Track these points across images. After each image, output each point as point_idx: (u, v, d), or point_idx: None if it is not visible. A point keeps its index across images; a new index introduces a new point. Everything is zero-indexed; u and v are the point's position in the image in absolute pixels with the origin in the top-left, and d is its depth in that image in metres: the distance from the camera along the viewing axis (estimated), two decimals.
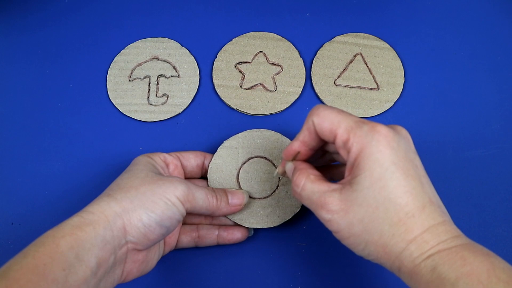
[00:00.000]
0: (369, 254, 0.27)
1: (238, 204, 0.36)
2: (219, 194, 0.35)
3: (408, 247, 0.26)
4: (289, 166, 0.32)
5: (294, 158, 0.32)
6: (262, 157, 0.39)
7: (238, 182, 0.38)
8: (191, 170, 0.38)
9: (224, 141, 0.39)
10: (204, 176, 0.39)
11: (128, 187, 0.31)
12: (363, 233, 0.27)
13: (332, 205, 0.28)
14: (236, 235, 0.37)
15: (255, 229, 0.38)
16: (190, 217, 0.38)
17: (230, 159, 0.39)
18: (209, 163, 0.39)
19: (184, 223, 0.38)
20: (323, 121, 0.29)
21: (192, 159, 0.38)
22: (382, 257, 0.27)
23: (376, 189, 0.26)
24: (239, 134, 0.40)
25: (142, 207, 0.30)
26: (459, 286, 0.24)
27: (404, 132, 0.29)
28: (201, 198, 0.33)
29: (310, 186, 0.29)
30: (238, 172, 0.38)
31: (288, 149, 0.32)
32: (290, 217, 0.37)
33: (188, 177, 0.39)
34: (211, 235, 0.37)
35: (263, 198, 0.38)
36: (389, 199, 0.26)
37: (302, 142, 0.31)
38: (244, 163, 0.39)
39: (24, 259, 0.27)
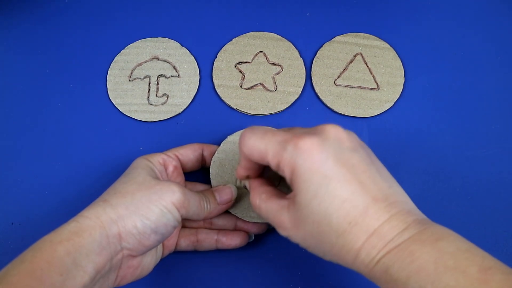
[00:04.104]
0: (331, 260, 0.28)
1: (228, 200, 0.36)
2: (208, 197, 0.35)
3: (358, 255, 0.25)
4: (246, 185, 0.33)
5: (248, 177, 0.33)
6: None
7: None
8: (191, 166, 0.38)
9: (228, 136, 0.39)
10: (205, 167, 0.39)
11: (124, 192, 0.31)
12: (317, 245, 0.27)
13: (284, 223, 0.28)
14: (236, 240, 0.37)
15: (255, 234, 0.38)
16: (189, 221, 0.38)
17: (233, 154, 0.39)
18: (210, 156, 0.38)
19: (184, 226, 0.38)
20: (252, 151, 0.29)
21: (190, 155, 0.38)
22: (341, 264, 0.27)
23: (315, 206, 0.26)
24: (244, 130, 0.39)
25: (137, 214, 0.30)
26: (410, 284, 0.23)
27: (333, 132, 0.27)
28: (195, 205, 0.33)
29: (264, 206, 0.30)
30: None
31: (238, 174, 0.33)
32: None
33: (188, 172, 0.39)
34: (210, 240, 0.37)
35: None
36: (329, 213, 0.26)
37: (245, 168, 0.31)
38: None
39: (21, 264, 0.27)
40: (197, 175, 0.40)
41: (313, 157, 0.26)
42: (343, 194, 0.25)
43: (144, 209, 0.30)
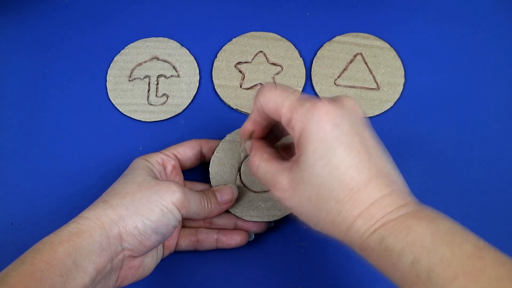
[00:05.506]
0: (322, 230, 0.28)
1: (229, 200, 0.36)
2: (208, 197, 0.35)
3: (355, 222, 0.25)
4: (247, 144, 0.33)
5: (251, 137, 0.32)
6: None
7: (240, 175, 0.38)
8: (190, 163, 0.38)
9: (227, 135, 0.39)
10: (203, 163, 0.39)
11: (124, 193, 0.31)
12: (313, 210, 0.27)
13: (282, 184, 0.28)
14: (236, 239, 0.37)
15: (255, 233, 0.38)
16: (189, 221, 0.38)
17: (231, 153, 0.39)
18: (208, 151, 0.38)
19: (184, 226, 0.38)
20: (268, 101, 0.28)
21: (189, 153, 0.38)
22: (333, 233, 0.27)
23: (320, 167, 0.26)
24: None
25: (138, 214, 0.30)
26: (405, 255, 0.24)
27: (350, 103, 0.28)
28: (195, 204, 0.33)
29: (263, 165, 0.29)
30: (240, 166, 0.38)
31: (243, 129, 0.32)
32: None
33: (188, 169, 0.39)
34: (210, 239, 0.37)
35: (265, 191, 0.38)
36: (333, 176, 0.26)
37: (254, 122, 0.31)
38: (246, 157, 0.39)
39: (21, 265, 0.27)
40: (196, 174, 0.40)
41: (329, 119, 0.26)
42: (351, 160, 0.26)
43: (144, 209, 0.30)
